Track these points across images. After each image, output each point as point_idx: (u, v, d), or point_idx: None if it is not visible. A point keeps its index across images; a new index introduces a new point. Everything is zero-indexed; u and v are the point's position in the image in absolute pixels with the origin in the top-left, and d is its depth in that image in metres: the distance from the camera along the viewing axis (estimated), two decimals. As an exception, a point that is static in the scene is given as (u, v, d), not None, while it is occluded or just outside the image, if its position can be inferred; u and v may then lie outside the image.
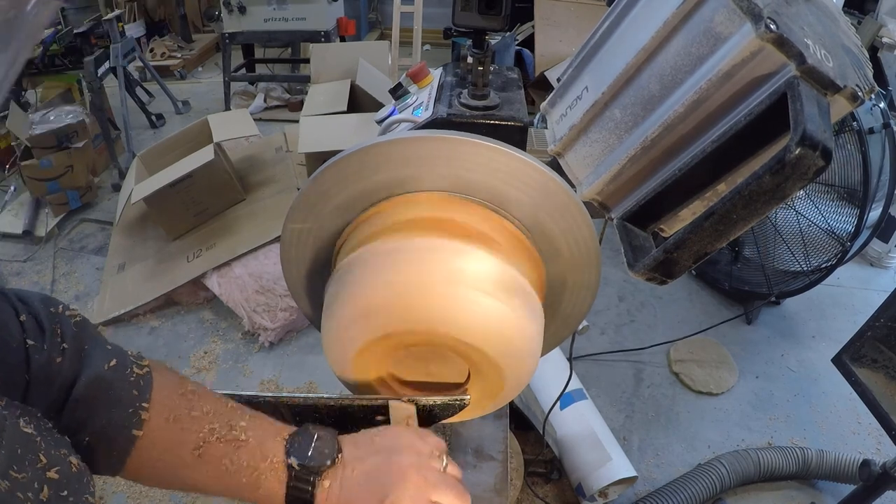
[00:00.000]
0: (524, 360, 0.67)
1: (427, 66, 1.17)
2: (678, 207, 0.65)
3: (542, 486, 1.87)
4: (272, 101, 4.46)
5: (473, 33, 1.04)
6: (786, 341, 2.47)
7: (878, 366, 1.35)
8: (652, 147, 0.63)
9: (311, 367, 2.32)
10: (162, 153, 2.91)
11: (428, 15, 4.09)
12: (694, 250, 0.55)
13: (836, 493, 1.88)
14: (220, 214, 2.79)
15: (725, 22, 0.55)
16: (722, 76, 0.56)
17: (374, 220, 0.69)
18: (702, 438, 2.06)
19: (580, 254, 0.73)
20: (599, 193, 0.70)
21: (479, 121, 1.04)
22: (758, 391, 2.24)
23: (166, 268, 2.64)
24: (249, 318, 2.43)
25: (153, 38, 5.30)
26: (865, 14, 3.62)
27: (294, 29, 3.93)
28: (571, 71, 0.76)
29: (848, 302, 2.67)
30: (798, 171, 0.47)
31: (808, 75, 0.52)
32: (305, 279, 0.78)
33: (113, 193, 3.46)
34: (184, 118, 4.33)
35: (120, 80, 3.69)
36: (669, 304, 2.65)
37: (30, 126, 3.12)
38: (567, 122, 0.73)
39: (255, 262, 2.51)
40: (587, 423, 1.82)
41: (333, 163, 0.67)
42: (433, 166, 0.66)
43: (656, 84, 0.62)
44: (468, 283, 0.61)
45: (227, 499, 0.60)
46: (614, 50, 0.69)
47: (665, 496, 1.74)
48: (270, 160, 3.07)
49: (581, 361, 2.34)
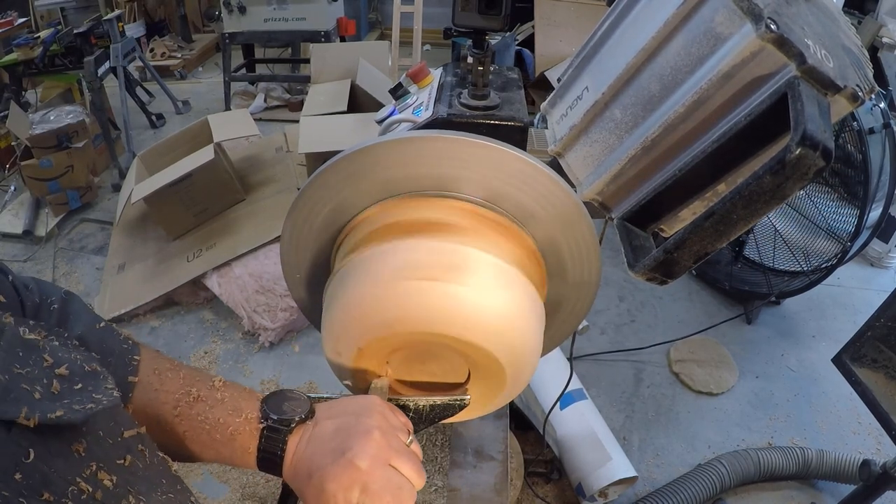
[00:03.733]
0: (525, 359, 0.67)
1: (427, 66, 1.17)
2: (678, 207, 0.65)
3: (542, 486, 1.87)
4: (272, 101, 4.46)
5: (473, 33, 1.04)
6: (786, 341, 2.47)
7: (878, 366, 1.35)
8: (652, 147, 0.63)
9: (311, 367, 2.32)
10: (162, 153, 2.91)
11: (428, 15, 4.09)
12: (694, 250, 0.55)
13: (836, 493, 1.88)
14: (220, 214, 2.79)
15: (726, 22, 0.55)
16: (722, 76, 0.56)
17: (373, 220, 0.69)
18: (702, 438, 2.06)
19: (583, 277, 0.73)
20: (600, 193, 0.70)
21: (480, 121, 1.04)
22: (758, 391, 2.24)
23: (166, 268, 2.64)
24: (249, 318, 2.43)
25: (153, 38, 5.30)
26: (865, 14, 3.62)
27: (294, 29, 3.94)
28: (572, 71, 0.76)
29: (848, 302, 2.67)
30: (798, 171, 0.47)
31: (808, 75, 0.52)
32: (305, 279, 0.78)
33: (113, 193, 3.46)
34: (184, 118, 4.33)
35: (120, 80, 3.69)
36: (669, 304, 2.65)
37: (30, 126, 3.12)
38: (567, 123, 0.73)
39: (255, 262, 2.52)
40: (587, 423, 1.82)
41: (334, 162, 0.67)
42: (435, 166, 0.66)
43: (657, 84, 0.62)
44: (467, 282, 0.61)
45: (204, 461, 0.63)
46: (614, 50, 0.69)
47: (665, 496, 1.74)
48: (270, 160, 3.07)
49: (581, 361, 2.34)
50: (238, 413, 0.60)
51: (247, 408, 0.60)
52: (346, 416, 0.60)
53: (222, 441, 0.59)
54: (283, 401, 0.61)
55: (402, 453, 0.58)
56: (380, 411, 0.60)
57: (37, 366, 0.42)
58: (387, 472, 0.56)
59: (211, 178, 2.67)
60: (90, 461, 0.43)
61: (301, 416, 0.60)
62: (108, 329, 0.59)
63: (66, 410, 0.40)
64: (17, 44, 3.80)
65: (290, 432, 0.59)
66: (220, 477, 1.95)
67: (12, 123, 3.10)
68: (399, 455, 0.58)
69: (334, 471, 0.55)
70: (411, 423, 0.64)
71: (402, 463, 0.57)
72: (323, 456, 0.57)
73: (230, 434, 0.59)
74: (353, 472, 0.55)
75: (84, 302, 0.61)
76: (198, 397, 0.60)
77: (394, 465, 0.57)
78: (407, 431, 0.62)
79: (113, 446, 0.46)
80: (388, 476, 0.56)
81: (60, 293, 0.58)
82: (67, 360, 0.44)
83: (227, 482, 1.93)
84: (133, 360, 0.59)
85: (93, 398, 0.44)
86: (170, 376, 0.61)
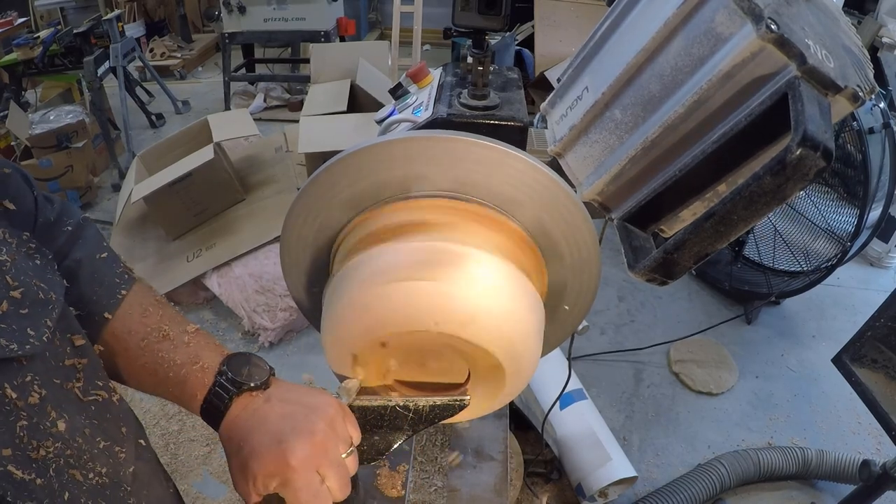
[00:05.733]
0: (525, 359, 0.66)
1: (427, 66, 1.17)
2: (678, 208, 0.65)
3: (542, 486, 1.87)
4: (272, 101, 4.46)
5: (473, 33, 1.04)
6: (786, 341, 2.47)
7: (878, 366, 1.35)
8: (652, 148, 0.63)
9: (311, 367, 2.32)
10: (162, 153, 2.91)
11: (428, 15, 4.09)
12: (694, 251, 0.55)
13: (836, 493, 1.88)
14: (220, 214, 2.79)
15: (726, 22, 0.55)
16: (722, 77, 0.56)
17: (373, 221, 0.69)
18: (702, 438, 2.06)
19: (580, 254, 0.73)
20: (600, 194, 0.70)
21: (479, 121, 1.04)
22: (758, 391, 2.24)
23: (166, 268, 2.64)
24: (249, 318, 2.43)
25: (153, 38, 5.30)
26: (865, 14, 3.63)
27: (294, 29, 3.93)
28: (571, 71, 0.76)
29: (848, 302, 2.67)
30: (799, 171, 0.47)
31: (809, 76, 0.52)
32: (305, 279, 0.78)
33: (113, 193, 3.46)
34: (184, 118, 4.33)
35: (120, 80, 3.69)
36: (669, 304, 2.65)
37: (29, 126, 3.11)
38: (567, 123, 0.73)
39: (255, 262, 2.51)
40: (587, 423, 1.82)
41: (335, 162, 0.67)
42: (437, 167, 0.66)
43: (657, 85, 0.62)
44: (468, 281, 0.61)
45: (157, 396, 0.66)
46: (615, 50, 0.69)
47: (665, 496, 1.74)
48: (270, 160, 3.07)
49: (581, 361, 2.34)
50: (196, 360, 0.62)
51: (206, 358, 0.63)
52: (298, 406, 0.61)
53: (175, 381, 0.62)
54: (245, 364, 0.63)
55: (335, 464, 0.59)
56: (330, 416, 0.60)
57: None
58: (311, 476, 0.57)
59: (211, 177, 2.67)
60: (27, 372, 0.47)
61: (255, 383, 0.62)
62: (107, 260, 0.65)
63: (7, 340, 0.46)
64: (17, 44, 3.80)
65: (238, 395, 0.61)
66: (220, 477, 1.95)
67: (12, 123, 3.09)
68: (330, 465, 0.58)
69: (264, 455, 0.57)
70: (358, 434, 0.64)
71: (331, 473, 0.58)
72: (261, 435, 0.58)
73: (183, 376, 0.61)
74: (281, 464, 0.56)
75: (97, 230, 0.66)
76: (167, 335, 0.63)
77: (321, 473, 0.58)
78: (349, 444, 0.62)
79: (52, 367, 0.51)
80: (311, 480, 0.57)
81: (78, 217, 0.64)
82: (26, 286, 0.49)
83: (226, 482, 1.93)
84: (119, 293, 0.64)
85: (27, 334, 0.48)
86: (150, 311, 0.65)
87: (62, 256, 0.61)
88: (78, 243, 0.62)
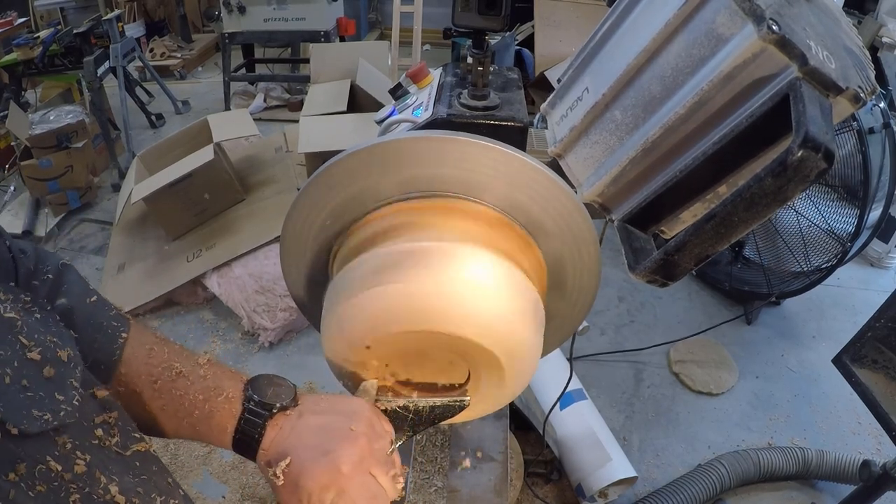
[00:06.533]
0: (525, 359, 0.66)
1: (427, 67, 1.17)
2: (679, 209, 0.65)
3: (542, 487, 1.87)
4: (272, 101, 4.46)
5: (473, 33, 1.04)
6: (786, 341, 2.47)
7: (878, 366, 1.35)
8: (653, 149, 0.63)
9: (311, 367, 2.31)
10: (162, 153, 2.91)
11: (428, 15, 4.09)
12: (695, 253, 0.55)
13: (836, 494, 1.88)
14: (220, 214, 2.79)
15: (727, 23, 0.55)
16: (723, 77, 0.56)
17: (373, 222, 0.69)
18: (702, 439, 2.06)
19: (568, 226, 0.71)
20: (600, 195, 0.70)
21: (479, 121, 1.04)
22: (758, 391, 2.24)
23: (166, 268, 2.64)
24: (249, 318, 2.43)
25: (153, 38, 5.30)
26: (865, 14, 3.63)
27: (294, 29, 3.93)
28: (572, 72, 0.75)
29: (848, 302, 2.67)
30: (800, 173, 0.47)
31: (810, 77, 0.52)
32: (305, 279, 0.78)
33: (113, 193, 3.45)
34: (184, 118, 4.33)
35: (120, 80, 3.69)
36: (669, 304, 2.65)
37: (29, 126, 3.11)
38: (567, 124, 0.73)
39: (254, 262, 2.51)
40: (587, 424, 1.82)
41: (335, 161, 0.66)
42: (440, 167, 0.66)
43: (657, 85, 0.62)
44: (468, 281, 0.61)
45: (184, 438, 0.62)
46: (615, 51, 0.68)
47: (665, 496, 1.74)
48: (270, 160, 3.07)
49: (581, 362, 2.34)
50: (219, 392, 0.59)
51: (229, 387, 0.60)
52: (333, 415, 0.60)
53: (200, 418, 0.58)
54: (269, 385, 0.61)
55: (384, 463, 0.58)
56: (368, 417, 0.60)
57: (10, 347, 0.42)
58: (366, 479, 0.57)
59: (211, 178, 2.67)
60: (64, 440, 0.44)
61: (284, 402, 0.60)
62: (98, 304, 0.59)
63: (29, 423, 0.41)
64: (17, 44, 3.79)
65: (271, 417, 0.59)
66: (220, 477, 1.95)
67: (12, 123, 3.09)
68: (380, 464, 0.58)
69: (314, 469, 0.55)
70: (392, 431, 0.63)
71: (382, 473, 0.58)
72: (304, 451, 0.57)
73: (208, 411, 0.58)
74: (334, 474, 0.55)
75: (79, 274, 0.60)
76: (180, 373, 0.59)
77: (373, 474, 0.57)
78: (390, 441, 0.62)
79: (86, 428, 0.47)
80: (367, 484, 0.56)
81: (57, 262, 0.58)
82: (42, 344, 0.45)
83: (226, 482, 1.93)
84: (120, 337, 0.59)
85: (56, 399, 0.44)
86: (155, 350, 0.60)
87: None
88: (62, 290, 0.57)
